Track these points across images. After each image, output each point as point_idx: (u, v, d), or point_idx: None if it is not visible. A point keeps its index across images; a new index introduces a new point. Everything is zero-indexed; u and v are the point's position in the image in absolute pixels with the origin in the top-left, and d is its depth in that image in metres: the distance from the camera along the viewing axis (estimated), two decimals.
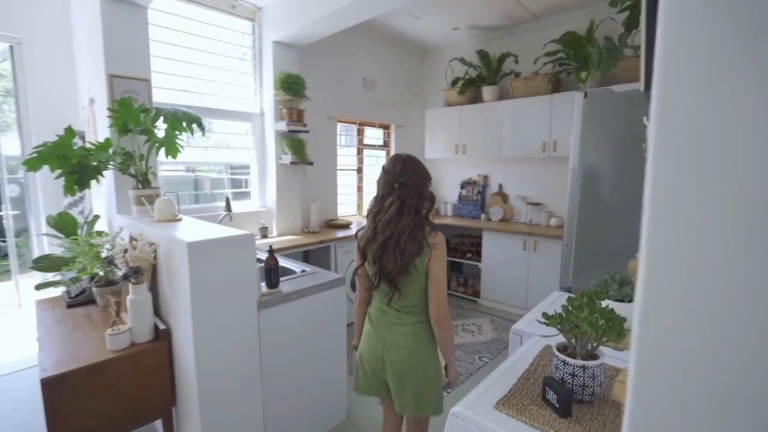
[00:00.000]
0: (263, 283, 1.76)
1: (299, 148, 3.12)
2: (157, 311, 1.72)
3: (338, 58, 3.81)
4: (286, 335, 1.77)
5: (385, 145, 4.65)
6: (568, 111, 3.40)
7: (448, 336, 1.35)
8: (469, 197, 4.52)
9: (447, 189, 4.84)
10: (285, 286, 1.83)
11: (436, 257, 1.30)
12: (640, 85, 0.75)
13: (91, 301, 1.97)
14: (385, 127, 4.59)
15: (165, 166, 2.78)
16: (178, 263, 1.49)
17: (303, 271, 2.11)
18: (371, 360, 1.40)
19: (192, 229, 1.70)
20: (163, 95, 2.63)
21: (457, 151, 4.31)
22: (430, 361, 1.36)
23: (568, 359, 1.00)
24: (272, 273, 1.75)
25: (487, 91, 4.02)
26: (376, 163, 4.61)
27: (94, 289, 1.92)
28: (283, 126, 3.02)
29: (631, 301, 1.46)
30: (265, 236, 3.08)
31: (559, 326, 1.02)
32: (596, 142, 1.80)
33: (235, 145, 3.14)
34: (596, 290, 1.04)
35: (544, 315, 1.06)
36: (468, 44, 4.30)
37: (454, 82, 4.18)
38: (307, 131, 3.15)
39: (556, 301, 1.79)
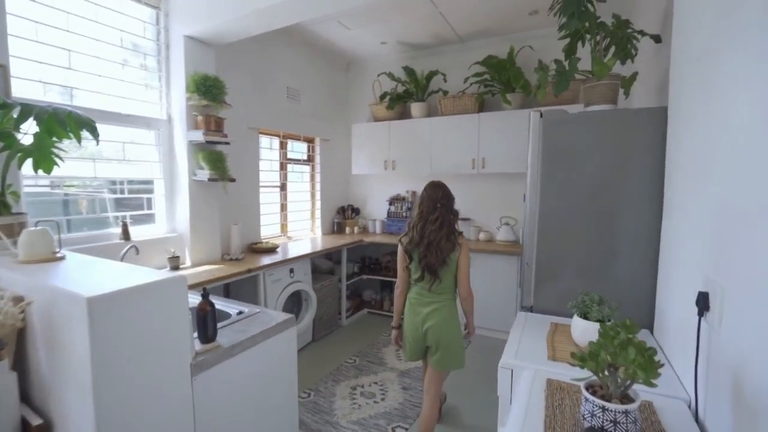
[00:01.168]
0: (195, 337, 1.34)
1: (218, 162, 2.66)
2: (24, 398, 1.18)
3: (260, 63, 3.43)
4: (229, 400, 1.38)
5: (310, 159, 4.34)
6: (495, 129, 3.57)
7: (472, 305, 1.98)
8: (399, 214, 4.45)
9: (375, 206, 4.71)
10: (223, 335, 1.44)
11: (463, 252, 1.90)
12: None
13: None
14: (310, 141, 4.30)
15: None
16: (69, 327, 1.02)
17: (240, 312, 1.71)
18: (414, 332, 1.94)
19: (86, 274, 1.23)
20: (27, 89, 1.98)
21: (386, 166, 4.22)
22: (455, 326, 1.94)
23: (607, 404, 0.88)
24: (207, 322, 1.35)
25: (416, 108, 4.03)
26: (300, 179, 4.26)
27: None
28: (198, 136, 2.54)
29: (609, 320, 1.45)
30: (176, 268, 2.52)
31: (594, 368, 0.91)
32: (551, 160, 1.81)
33: (133, 157, 2.53)
34: (626, 323, 0.95)
35: (576, 356, 0.94)
36: (394, 60, 4.28)
37: (383, 97, 4.10)
38: (227, 143, 2.70)
39: (527, 323, 1.73)
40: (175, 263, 2.51)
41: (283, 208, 3.95)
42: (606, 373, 0.93)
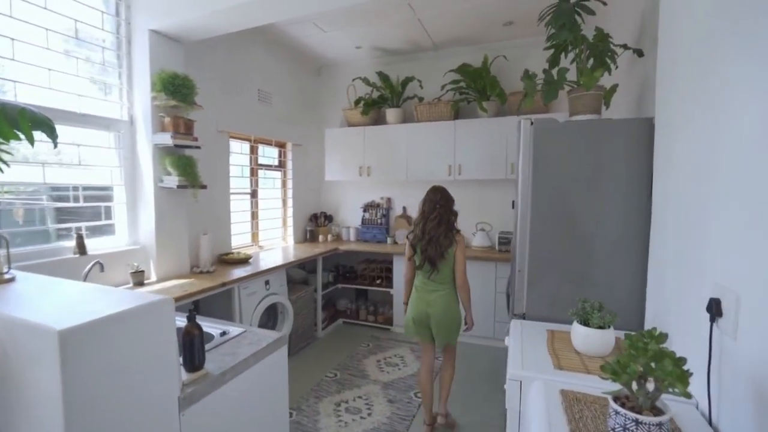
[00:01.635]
0: (180, 364, 1.19)
1: (189, 167, 2.45)
2: None
3: (231, 63, 3.24)
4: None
5: (282, 165, 4.17)
6: (471, 136, 3.61)
7: (468, 295, 2.24)
8: (373, 221, 4.38)
9: (348, 213, 4.61)
10: (210, 361, 1.29)
11: (459, 248, 2.18)
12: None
13: None
14: (281, 146, 4.12)
15: None
16: (31, 366, 0.86)
17: (223, 333, 1.56)
18: (419, 314, 2.21)
19: (48, 299, 1.05)
20: None
21: (361, 173, 4.14)
22: (456, 311, 2.21)
23: (641, 417, 0.86)
24: (195, 347, 1.20)
25: (391, 114, 3.99)
26: (272, 186, 4.07)
27: None
28: (166, 139, 2.32)
29: (610, 326, 1.46)
30: (140, 283, 2.28)
31: (627, 381, 0.88)
32: (542, 167, 1.83)
33: (87, 161, 2.26)
34: (652, 333, 0.94)
35: (607, 369, 0.91)
36: (368, 65, 4.23)
37: (357, 102, 4.03)
38: (198, 147, 2.51)
39: (523, 331, 1.71)
40: (139, 278, 2.27)
41: (254, 216, 3.74)
42: (636, 385, 0.91)
